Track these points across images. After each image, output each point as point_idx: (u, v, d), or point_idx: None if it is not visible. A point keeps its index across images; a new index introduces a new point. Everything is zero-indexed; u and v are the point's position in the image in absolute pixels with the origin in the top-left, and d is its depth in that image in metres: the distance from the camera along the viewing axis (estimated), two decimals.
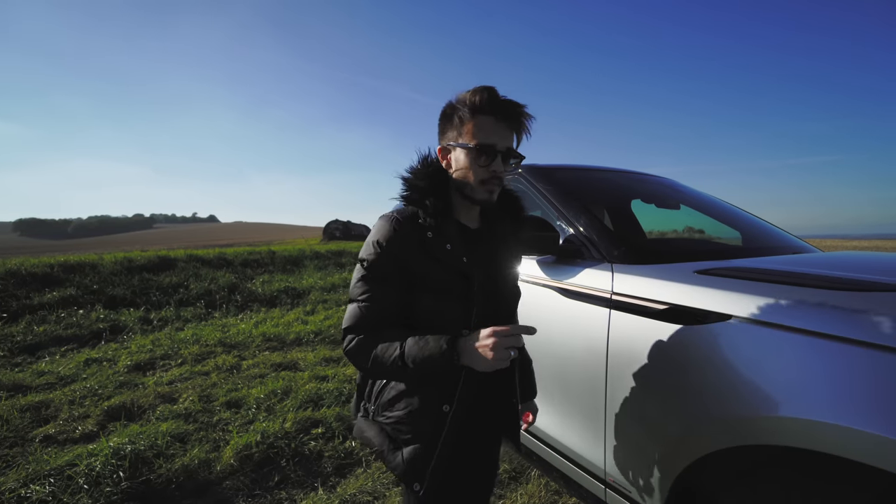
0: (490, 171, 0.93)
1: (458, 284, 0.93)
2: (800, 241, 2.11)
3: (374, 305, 0.91)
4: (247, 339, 4.57)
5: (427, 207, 0.93)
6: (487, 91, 0.91)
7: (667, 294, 1.11)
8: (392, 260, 0.91)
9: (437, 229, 0.93)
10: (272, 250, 9.86)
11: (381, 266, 0.91)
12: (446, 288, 0.92)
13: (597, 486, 1.29)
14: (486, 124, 0.92)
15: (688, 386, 1.00)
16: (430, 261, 0.92)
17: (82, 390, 3.13)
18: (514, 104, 0.93)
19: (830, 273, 1.08)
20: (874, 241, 23.15)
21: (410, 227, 0.92)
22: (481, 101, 0.91)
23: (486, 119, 0.92)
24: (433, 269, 0.92)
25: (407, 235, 0.91)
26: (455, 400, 0.92)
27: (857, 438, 0.71)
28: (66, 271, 6.40)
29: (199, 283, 6.93)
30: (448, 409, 0.92)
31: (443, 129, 0.99)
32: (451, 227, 0.95)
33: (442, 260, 0.92)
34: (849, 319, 0.80)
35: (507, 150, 0.94)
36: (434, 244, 0.92)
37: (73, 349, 4.32)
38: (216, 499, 1.95)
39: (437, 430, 0.91)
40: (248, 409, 2.80)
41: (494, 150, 0.92)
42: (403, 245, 0.91)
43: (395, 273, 0.91)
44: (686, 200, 2.20)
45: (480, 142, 0.91)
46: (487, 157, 0.92)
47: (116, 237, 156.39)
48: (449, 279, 0.92)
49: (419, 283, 0.92)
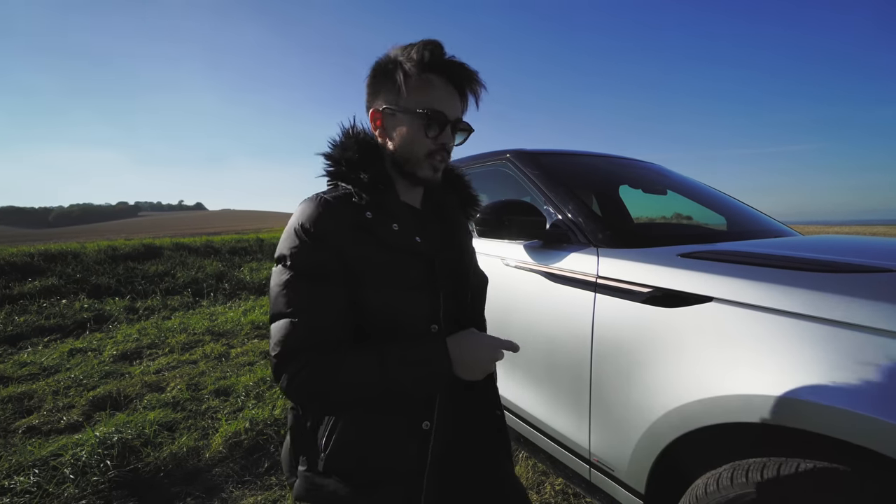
0: (438, 144, 0.77)
1: (415, 271, 0.75)
2: (782, 225, 2.14)
3: (312, 316, 0.68)
4: (235, 327, 4.54)
5: (361, 182, 0.75)
6: (435, 45, 0.75)
7: (650, 277, 1.12)
8: (326, 248, 0.70)
9: (377, 207, 0.75)
10: (260, 238, 9.75)
11: (312, 259, 0.69)
12: (401, 278, 0.74)
13: (582, 466, 1.32)
14: (437, 86, 0.76)
15: (670, 366, 1.02)
16: (373, 247, 0.73)
17: (67, 380, 3.09)
18: (465, 68, 0.77)
19: (810, 255, 1.10)
20: (854, 226, 23.75)
21: (342, 204, 0.73)
22: (432, 57, 0.74)
23: (436, 79, 0.76)
24: (380, 257, 0.73)
25: (339, 216, 0.71)
26: (435, 412, 0.75)
27: (834, 416, 0.73)
28: (47, 260, 6.26)
29: (186, 272, 6.84)
30: (429, 426, 0.74)
31: (375, 90, 0.80)
32: (396, 203, 0.78)
33: (390, 243, 0.73)
34: (827, 300, 0.82)
35: (458, 121, 0.79)
36: (376, 224, 0.73)
37: (56, 339, 4.25)
38: (206, 486, 1.95)
39: (421, 455, 0.73)
40: (237, 396, 2.79)
41: (446, 118, 0.76)
42: (337, 229, 0.70)
43: (334, 266, 0.70)
44: (673, 186, 2.22)
45: (432, 107, 0.75)
46: (436, 126, 0.76)
47: (100, 226, 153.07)
48: (402, 266, 0.74)
49: (363, 278, 0.71)
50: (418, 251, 0.76)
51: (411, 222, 0.78)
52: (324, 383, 0.66)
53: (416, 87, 0.75)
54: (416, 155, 0.78)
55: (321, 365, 0.67)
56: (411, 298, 0.74)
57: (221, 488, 1.94)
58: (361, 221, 0.72)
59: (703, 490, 0.91)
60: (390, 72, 0.76)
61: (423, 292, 0.75)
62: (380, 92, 0.79)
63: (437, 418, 0.75)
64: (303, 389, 0.67)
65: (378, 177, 0.77)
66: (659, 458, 1.04)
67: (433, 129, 0.76)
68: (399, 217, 0.76)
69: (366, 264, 0.72)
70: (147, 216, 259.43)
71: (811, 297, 0.84)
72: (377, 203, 0.75)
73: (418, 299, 0.75)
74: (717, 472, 0.91)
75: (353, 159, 0.77)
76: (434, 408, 0.75)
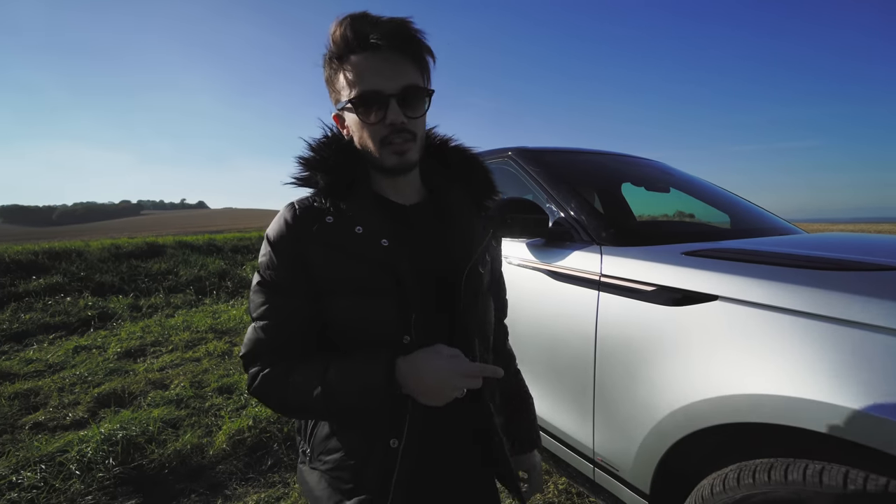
0: (387, 126, 0.69)
1: (383, 278, 0.69)
2: (786, 222, 2.13)
3: (273, 323, 0.69)
4: (238, 324, 4.56)
5: (320, 185, 0.71)
6: (349, 20, 0.67)
7: (654, 275, 1.12)
8: (288, 260, 0.69)
9: (339, 212, 0.70)
10: (262, 236, 9.79)
11: (276, 270, 0.69)
12: (368, 286, 0.68)
13: (585, 465, 1.32)
14: (360, 66, 0.67)
15: (675, 365, 1.02)
16: (335, 253, 0.69)
17: (72, 377, 3.11)
18: (393, 23, 0.67)
19: (816, 253, 1.09)
20: (859, 224, 23.59)
21: (304, 213, 0.70)
22: (345, 37, 0.67)
23: (357, 60, 0.67)
24: (342, 264, 0.68)
25: (301, 225, 0.69)
26: (405, 430, 0.69)
27: (841, 415, 0.72)
28: (51, 258, 6.30)
29: (189, 270, 6.86)
30: (397, 444, 0.69)
31: (329, 91, 0.75)
32: (362, 203, 0.71)
33: (351, 249, 0.68)
34: (834, 298, 0.81)
35: (404, 90, 0.68)
36: (337, 230, 0.69)
37: (61, 336, 4.28)
38: (210, 483, 1.96)
39: (386, 474, 0.69)
40: (241, 394, 2.80)
41: (381, 94, 0.67)
42: (298, 238, 0.69)
43: (296, 277, 0.69)
44: (676, 183, 2.21)
45: (359, 90, 0.67)
46: (375, 107, 0.68)
47: (103, 224, 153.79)
48: (369, 273, 0.68)
49: (328, 285, 0.69)
50: (381, 257, 0.68)
51: (380, 224, 0.70)
52: (275, 388, 0.67)
53: (344, 78, 0.69)
54: (371, 147, 0.71)
55: (276, 370, 0.68)
56: (376, 306, 0.68)
57: (225, 485, 1.95)
58: (323, 227, 0.69)
59: (709, 490, 0.91)
60: (326, 71, 0.73)
61: (390, 300, 0.68)
62: (330, 91, 0.74)
63: (407, 437, 0.69)
64: (259, 391, 0.69)
65: (342, 176, 0.72)
66: (664, 458, 1.04)
67: (370, 112, 0.68)
68: (364, 220, 0.70)
69: (328, 271, 0.69)
70: (150, 214, 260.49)
71: (818, 295, 0.83)
72: (340, 206, 0.71)
73: (384, 307, 0.68)
74: (723, 473, 0.90)
75: (317, 163, 0.73)
76: (404, 425, 0.69)
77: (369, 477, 0.70)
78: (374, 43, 0.66)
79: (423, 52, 0.71)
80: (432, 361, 0.62)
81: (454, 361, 0.62)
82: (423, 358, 0.63)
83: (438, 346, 0.64)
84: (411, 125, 0.70)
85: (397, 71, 0.68)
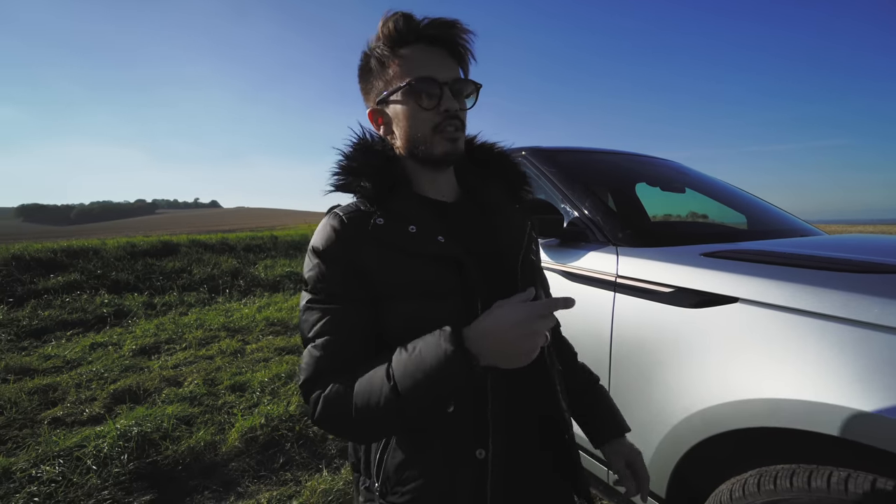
0: (442, 113, 0.69)
1: (442, 276, 0.66)
2: (805, 223, 2.08)
3: (333, 338, 0.63)
4: (250, 323, 4.60)
5: (365, 189, 0.69)
6: (400, 16, 0.69)
7: (672, 277, 1.10)
8: (340, 269, 0.65)
9: (388, 213, 0.68)
10: (275, 235, 9.86)
11: (328, 281, 0.65)
12: (430, 286, 0.65)
13: (601, 469, 1.30)
14: (414, 57, 0.69)
15: (693, 368, 1.00)
16: (392, 254, 0.66)
17: (88, 374, 3.17)
18: (442, 21, 0.69)
19: (838, 255, 1.06)
20: (879, 225, 23.07)
21: (354, 218, 0.67)
22: (398, 29, 0.68)
23: (411, 51, 0.69)
24: (402, 265, 0.66)
25: (351, 231, 0.66)
26: (489, 437, 0.63)
27: (867, 422, 0.70)
28: (69, 256, 6.43)
29: (203, 268, 6.95)
30: (484, 455, 0.63)
31: (366, 88, 0.75)
32: (409, 203, 0.70)
33: (407, 248, 0.65)
34: (858, 301, 0.79)
35: (455, 81, 0.70)
36: (390, 230, 0.66)
37: (78, 333, 4.37)
38: (223, 480, 1.99)
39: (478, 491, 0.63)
40: (253, 392, 2.83)
41: (437, 82, 0.68)
42: (349, 245, 0.66)
43: (352, 284, 0.65)
44: (691, 184, 2.17)
45: (416, 76, 0.68)
46: (431, 94, 0.68)
47: (119, 223, 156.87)
48: (430, 272, 0.66)
49: (387, 290, 0.65)
50: (442, 253, 0.66)
51: (432, 221, 0.69)
52: (339, 406, 0.59)
53: (393, 66, 0.70)
54: (423, 133, 0.70)
55: (335, 389, 0.60)
56: (442, 307, 0.65)
57: (238, 482, 1.97)
58: (374, 231, 0.66)
59: (727, 496, 0.89)
60: (367, 65, 0.73)
61: (455, 299, 0.65)
62: (370, 90, 0.74)
63: (493, 444, 0.63)
64: (324, 416, 0.61)
65: (384, 179, 0.70)
66: (680, 463, 1.02)
67: (427, 97, 0.68)
68: (416, 218, 0.68)
69: (387, 275, 0.65)
70: (164, 213, 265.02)
71: (841, 297, 0.81)
72: (388, 207, 0.68)
73: (450, 307, 0.65)
74: (742, 478, 0.88)
75: (356, 168, 0.71)
76: (488, 430, 0.63)
77: (460, 498, 0.63)
78: (428, 35, 0.68)
79: (467, 53, 0.73)
80: (503, 312, 0.55)
81: (524, 304, 0.55)
82: (491, 314, 0.57)
83: (497, 302, 0.58)
84: (461, 114, 0.71)
85: (447, 65, 0.70)
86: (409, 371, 0.56)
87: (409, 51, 0.69)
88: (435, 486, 0.64)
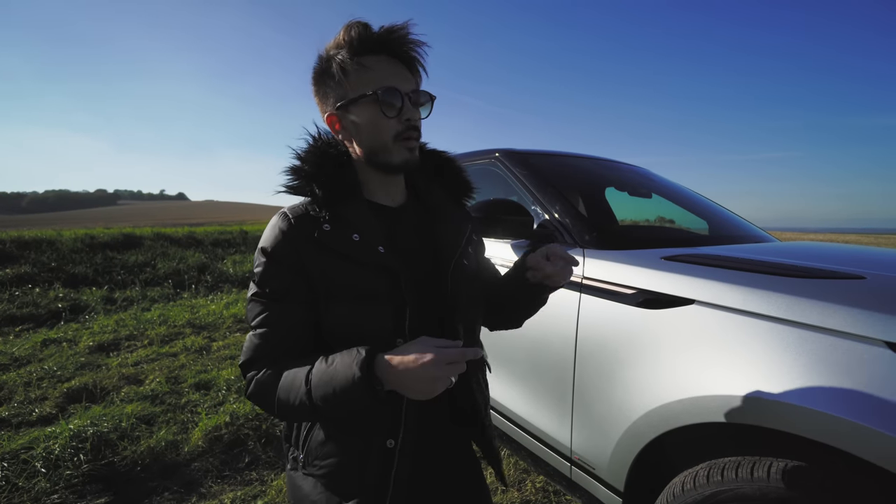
0: (403, 122, 0.72)
1: (378, 284, 0.71)
2: (761, 230, 2.20)
3: (271, 331, 0.70)
4: (217, 319, 4.47)
5: (315, 195, 0.72)
6: (359, 25, 0.71)
7: (634, 279, 1.14)
8: (284, 269, 0.70)
9: (336, 220, 0.71)
10: (244, 230, 9.59)
11: (272, 279, 0.70)
12: (365, 291, 0.70)
13: (563, 464, 1.34)
14: (376, 65, 0.71)
15: (651, 366, 1.04)
16: (334, 260, 0.70)
17: (39, 372, 3.00)
18: (398, 31, 0.71)
19: (787, 261, 1.13)
20: (829, 234, 24.57)
21: (299, 223, 0.71)
22: (361, 38, 0.70)
23: (374, 59, 0.71)
24: (342, 270, 0.70)
25: (297, 234, 0.70)
26: (401, 430, 0.71)
27: (807, 416, 0.76)
28: (20, 247, 6.06)
29: (168, 263, 6.70)
30: (394, 444, 0.71)
31: (323, 92, 0.75)
32: (357, 211, 0.73)
33: (350, 256, 0.70)
34: (802, 305, 0.84)
35: (415, 92, 0.74)
36: (334, 237, 0.70)
37: (28, 329, 4.13)
38: (184, 480, 1.92)
39: (384, 475, 0.71)
40: (218, 390, 2.75)
41: (399, 93, 0.71)
42: (294, 247, 0.70)
43: (293, 283, 0.70)
44: (657, 189, 2.26)
45: (383, 85, 0.70)
46: (395, 103, 0.71)
47: (77, 213, 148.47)
48: (367, 279, 0.70)
49: (326, 292, 0.70)
50: (381, 263, 0.71)
51: (376, 229, 0.73)
52: (267, 390, 0.68)
53: (356, 74, 0.71)
54: (384, 141, 0.73)
55: (264, 375, 0.69)
56: (374, 312, 0.70)
57: (200, 483, 1.91)
58: (320, 235, 0.70)
59: (680, 488, 0.94)
60: (328, 69, 0.73)
61: (388, 305, 0.71)
62: (328, 94, 0.75)
63: (403, 436, 0.71)
64: (253, 394, 0.70)
65: (336, 184, 0.73)
66: (639, 457, 1.07)
67: (390, 107, 0.71)
68: (361, 226, 0.72)
69: (327, 278, 0.70)
70: (127, 205, 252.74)
71: (788, 301, 0.86)
72: (336, 214, 0.72)
73: (381, 313, 0.70)
74: (694, 471, 0.93)
75: (309, 171, 0.74)
76: (400, 424, 0.71)
77: (367, 479, 0.71)
78: (388, 48, 0.71)
79: (420, 64, 0.76)
80: (414, 350, 0.59)
81: (434, 350, 0.59)
82: (405, 349, 0.61)
83: (421, 337, 0.63)
84: (419, 124, 0.76)
85: (408, 77, 0.74)
86: (323, 381, 0.62)
87: (373, 60, 0.71)
88: (347, 467, 0.72)
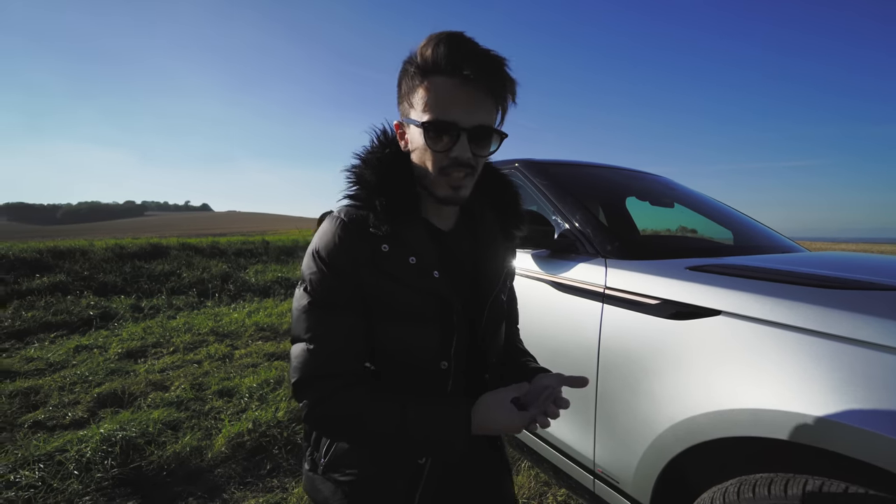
0: (450, 158, 0.67)
1: (431, 307, 0.70)
2: (789, 240, 2.14)
3: (327, 344, 0.66)
4: (239, 328, 4.56)
5: (377, 210, 0.70)
6: (446, 40, 0.64)
7: (658, 289, 1.13)
8: (344, 278, 0.68)
9: (394, 239, 0.70)
10: (266, 240, 9.81)
11: (330, 290, 0.67)
12: (415, 313, 0.69)
13: (586, 476, 1.32)
14: (442, 90, 0.65)
15: (677, 378, 1.02)
16: (388, 281, 0.69)
17: (72, 377, 3.11)
18: (487, 57, 0.64)
19: (817, 272, 1.10)
20: (860, 244, 23.64)
21: (359, 236, 0.69)
22: (435, 57, 0.64)
23: (442, 82, 0.65)
24: (394, 290, 0.69)
25: (354, 247, 0.68)
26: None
27: (840, 432, 0.73)
28: (55, 257, 6.33)
29: (192, 272, 6.88)
30: (425, 462, 0.72)
31: (399, 96, 0.72)
32: (415, 232, 0.71)
33: (404, 280, 0.69)
34: (833, 316, 0.82)
35: (477, 129, 0.66)
36: (392, 259, 0.69)
37: (62, 336, 4.28)
38: (208, 486, 1.96)
39: (410, 490, 0.72)
40: (241, 397, 2.80)
41: (456, 127, 0.65)
42: (350, 259, 0.68)
43: (350, 296, 0.68)
44: (680, 199, 2.23)
45: (434, 117, 0.65)
46: (446, 137, 0.66)
47: (107, 224, 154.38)
48: (418, 302, 0.70)
49: (379, 310, 0.69)
50: (434, 289, 0.70)
51: (432, 253, 0.72)
52: (346, 417, 0.65)
53: (420, 95, 0.67)
54: (428, 172, 0.70)
55: (345, 403, 0.66)
56: (421, 333, 0.70)
57: (223, 489, 1.94)
58: (376, 253, 0.69)
59: None
60: (401, 79, 0.70)
61: (437, 329, 0.71)
62: (400, 100, 0.72)
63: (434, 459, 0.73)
64: (324, 423, 0.67)
65: (399, 201, 0.70)
66: (664, 471, 1.04)
67: (439, 141, 0.66)
68: (418, 248, 0.70)
69: (381, 297, 0.69)
70: (154, 216, 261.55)
71: (818, 312, 0.84)
72: (395, 233, 0.70)
73: (428, 335, 0.70)
74: (723, 486, 0.91)
75: (373, 182, 0.71)
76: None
77: (393, 495, 0.72)
78: (463, 72, 0.63)
79: (508, 95, 0.69)
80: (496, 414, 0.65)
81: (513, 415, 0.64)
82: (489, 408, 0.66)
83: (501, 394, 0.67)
84: (474, 161, 0.69)
85: (477, 107, 0.66)
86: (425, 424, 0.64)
87: (443, 81, 0.65)
88: (373, 480, 0.72)
